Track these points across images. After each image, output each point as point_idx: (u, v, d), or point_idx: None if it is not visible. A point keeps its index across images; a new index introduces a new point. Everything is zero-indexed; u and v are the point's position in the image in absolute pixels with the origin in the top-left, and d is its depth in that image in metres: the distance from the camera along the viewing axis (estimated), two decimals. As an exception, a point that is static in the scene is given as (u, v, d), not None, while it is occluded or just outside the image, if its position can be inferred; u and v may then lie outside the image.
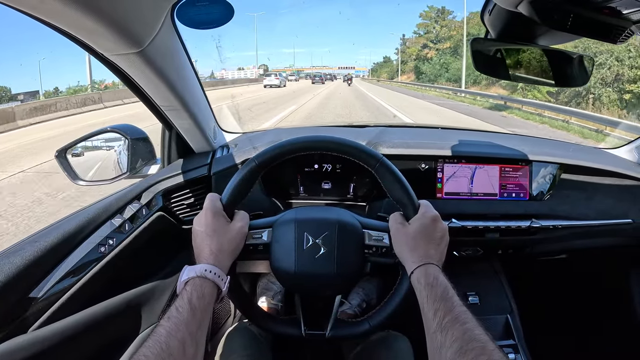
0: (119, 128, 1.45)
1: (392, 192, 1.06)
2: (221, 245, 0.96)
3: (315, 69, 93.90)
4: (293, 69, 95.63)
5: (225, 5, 0.99)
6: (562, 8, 0.85)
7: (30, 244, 1.02)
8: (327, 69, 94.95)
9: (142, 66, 1.03)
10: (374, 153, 1.08)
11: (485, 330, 0.77)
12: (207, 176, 1.51)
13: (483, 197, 1.58)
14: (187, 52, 1.22)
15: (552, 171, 1.59)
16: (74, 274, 1.09)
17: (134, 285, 1.32)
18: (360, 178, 1.60)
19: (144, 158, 1.50)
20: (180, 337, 0.76)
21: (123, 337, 1.28)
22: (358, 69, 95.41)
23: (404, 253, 0.99)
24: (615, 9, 0.84)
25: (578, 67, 1.16)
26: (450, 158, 1.56)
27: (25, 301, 0.98)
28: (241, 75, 58.56)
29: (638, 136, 1.79)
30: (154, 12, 0.93)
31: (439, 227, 1.02)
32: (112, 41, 0.90)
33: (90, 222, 1.18)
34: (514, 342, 1.67)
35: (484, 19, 1.10)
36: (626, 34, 0.92)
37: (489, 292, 1.86)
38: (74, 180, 1.40)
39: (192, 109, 1.33)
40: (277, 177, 1.59)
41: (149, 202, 1.39)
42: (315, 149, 1.10)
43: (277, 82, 40.24)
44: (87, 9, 0.76)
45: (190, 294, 0.84)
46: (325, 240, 1.06)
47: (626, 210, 1.64)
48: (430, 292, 0.87)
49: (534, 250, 1.71)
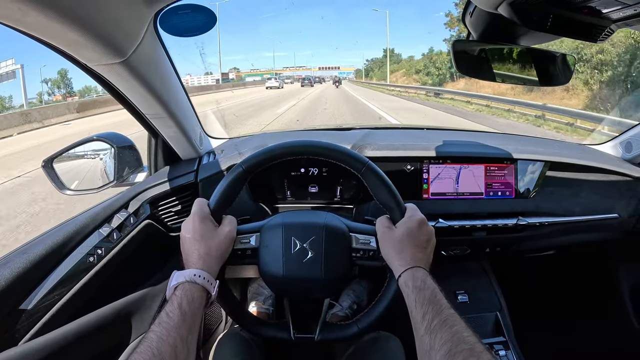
0: (105, 136, 1.44)
1: (378, 195, 1.07)
2: (209, 249, 0.96)
3: (289, 70, 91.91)
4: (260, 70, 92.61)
5: (208, 12, 0.99)
6: (542, 9, 0.87)
7: (19, 256, 1.01)
8: (303, 70, 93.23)
9: (126, 76, 1.03)
10: (359, 157, 1.08)
11: (474, 331, 0.77)
12: (194, 183, 1.51)
13: (469, 197, 1.59)
14: (171, 60, 1.21)
15: (538, 169, 1.60)
16: (64, 285, 1.08)
17: (124, 294, 1.31)
18: (347, 181, 1.61)
19: (131, 166, 1.49)
20: (172, 342, 0.76)
21: (114, 346, 1.27)
22: (344, 69, 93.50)
23: (391, 256, 1.00)
24: (595, 8, 0.85)
25: (561, 65, 1.17)
26: (436, 159, 1.57)
27: (15, 313, 0.98)
28: (209, 80, 57.58)
29: (622, 132, 1.81)
30: (137, 22, 0.93)
31: (426, 230, 1.02)
32: (95, 52, 0.89)
33: (79, 232, 1.18)
34: (504, 339, 1.69)
35: (465, 21, 1.11)
36: (606, 32, 0.94)
37: (478, 290, 1.88)
38: (61, 189, 1.39)
39: (178, 117, 1.33)
40: (264, 182, 1.60)
41: (137, 211, 1.38)
42: (301, 154, 1.10)
43: (277, 85, 44.89)
44: (70, 21, 0.75)
45: (180, 299, 0.85)
46: (313, 245, 1.07)
47: (612, 205, 1.66)
48: (418, 295, 0.87)
49: (522, 248, 1.73)
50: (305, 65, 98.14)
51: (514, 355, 1.62)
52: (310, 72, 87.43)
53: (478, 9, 1.01)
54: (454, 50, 1.11)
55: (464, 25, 1.13)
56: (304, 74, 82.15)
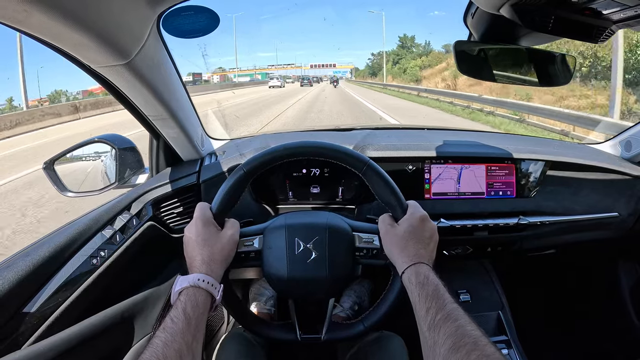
0: (106, 138, 1.44)
1: (380, 194, 1.07)
2: (213, 254, 0.97)
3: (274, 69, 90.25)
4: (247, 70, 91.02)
5: (211, 14, 0.99)
6: (544, 10, 0.87)
7: (22, 259, 1.01)
8: (293, 68, 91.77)
9: (129, 77, 1.03)
10: (361, 157, 1.09)
11: (478, 325, 0.77)
12: (196, 184, 1.51)
13: (470, 197, 1.59)
14: (173, 61, 1.22)
15: (538, 168, 1.61)
16: (67, 287, 1.08)
17: (127, 296, 1.31)
18: (349, 181, 1.61)
19: (132, 168, 1.49)
20: (177, 348, 0.76)
21: (118, 349, 1.27)
22: (340, 67, 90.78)
23: (394, 254, 1.00)
24: (596, 9, 0.86)
25: (561, 65, 1.17)
26: (437, 159, 1.58)
27: (19, 316, 0.98)
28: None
29: (621, 131, 1.82)
30: (140, 23, 0.93)
31: (428, 226, 1.03)
32: (99, 53, 0.89)
33: (81, 234, 1.18)
34: (507, 338, 1.69)
35: (467, 21, 1.11)
36: (607, 33, 0.94)
37: (479, 289, 1.88)
38: (63, 191, 1.39)
39: (180, 118, 1.32)
40: (266, 183, 1.60)
41: (139, 212, 1.39)
42: (302, 155, 1.11)
43: (279, 84, 50.82)
44: (74, 23, 0.75)
45: (185, 304, 0.85)
46: (316, 245, 1.07)
47: (612, 204, 1.67)
48: (421, 291, 0.88)
49: (523, 247, 1.73)
50: (294, 63, 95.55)
51: (517, 354, 1.62)
52: (301, 71, 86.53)
53: (480, 10, 1.01)
54: (455, 51, 1.12)
55: (466, 26, 1.13)
56: (292, 72, 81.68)
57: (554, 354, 2.01)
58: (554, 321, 2.18)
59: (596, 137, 8.71)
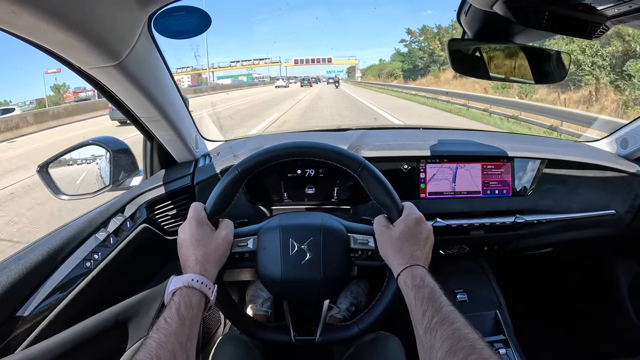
0: (100, 140, 1.43)
1: (375, 195, 1.07)
2: (207, 254, 0.96)
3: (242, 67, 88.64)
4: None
5: (202, 14, 0.99)
6: (537, 7, 0.87)
7: (15, 262, 1.01)
8: (273, 64, 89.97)
9: (120, 78, 1.02)
10: (355, 157, 1.08)
11: (475, 328, 0.77)
12: (190, 186, 1.50)
13: (466, 196, 1.59)
14: (165, 62, 1.21)
15: (534, 166, 1.61)
16: (61, 291, 1.07)
17: (121, 299, 1.30)
18: (344, 182, 1.60)
19: (126, 170, 1.48)
20: (170, 348, 0.75)
21: (113, 352, 1.27)
22: (336, 62, 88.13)
23: (390, 255, 0.99)
24: (590, 5, 0.85)
25: (556, 62, 1.17)
26: (432, 158, 1.57)
27: (11, 320, 0.97)
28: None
29: (618, 128, 1.82)
30: (131, 24, 0.93)
31: (424, 228, 1.02)
32: (90, 55, 0.89)
33: (75, 237, 1.17)
34: (504, 337, 1.68)
35: (460, 19, 1.11)
36: (601, 29, 0.94)
37: (477, 289, 1.87)
38: (57, 194, 1.38)
39: (173, 119, 1.32)
40: (260, 184, 1.59)
41: (133, 215, 1.38)
42: (297, 155, 1.10)
43: (284, 84, 56.32)
44: (63, 24, 0.75)
45: (178, 304, 0.84)
46: (311, 246, 1.06)
47: (609, 201, 1.67)
48: (417, 293, 0.87)
49: (520, 245, 1.73)
50: (270, 58, 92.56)
51: (514, 353, 1.62)
52: (283, 68, 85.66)
53: (473, 7, 1.01)
54: (449, 49, 1.11)
55: (459, 24, 1.13)
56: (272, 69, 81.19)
57: (552, 353, 2.01)
58: (551, 320, 2.18)
59: (590, 134, 8.78)
